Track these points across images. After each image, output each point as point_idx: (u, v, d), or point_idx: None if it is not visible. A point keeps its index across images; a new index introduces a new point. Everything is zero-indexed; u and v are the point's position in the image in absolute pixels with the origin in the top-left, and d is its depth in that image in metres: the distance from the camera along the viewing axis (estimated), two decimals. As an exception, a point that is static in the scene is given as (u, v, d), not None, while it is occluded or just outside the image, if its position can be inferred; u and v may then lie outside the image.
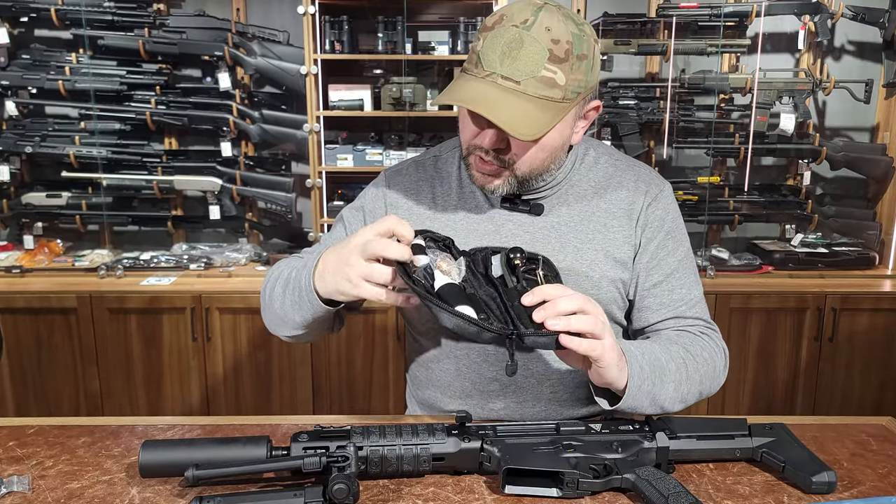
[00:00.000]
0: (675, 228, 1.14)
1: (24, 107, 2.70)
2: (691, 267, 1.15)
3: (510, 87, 0.93)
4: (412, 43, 2.59)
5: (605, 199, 1.12)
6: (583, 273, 1.09)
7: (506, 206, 1.11)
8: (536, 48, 0.92)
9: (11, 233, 2.84)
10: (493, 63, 0.94)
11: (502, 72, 0.93)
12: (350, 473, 0.79)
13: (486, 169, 1.03)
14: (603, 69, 2.66)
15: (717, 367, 1.09)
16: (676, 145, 2.73)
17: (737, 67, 2.74)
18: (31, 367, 2.51)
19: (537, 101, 0.93)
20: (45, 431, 1.00)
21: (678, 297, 1.11)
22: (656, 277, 1.11)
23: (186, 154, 2.77)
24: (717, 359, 1.09)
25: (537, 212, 1.11)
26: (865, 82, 2.65)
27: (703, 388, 1.07)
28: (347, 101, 2.59)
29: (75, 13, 2.56)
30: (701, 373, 1.05)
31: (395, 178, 1.19)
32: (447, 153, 1.20)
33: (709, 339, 1.10)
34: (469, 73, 0.97)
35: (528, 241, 1.09)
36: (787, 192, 2.79)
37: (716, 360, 1.08)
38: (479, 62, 0.95)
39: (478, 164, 1.03)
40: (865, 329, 2.51)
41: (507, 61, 0.93)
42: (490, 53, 0.94)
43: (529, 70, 0.92)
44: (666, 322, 1.11)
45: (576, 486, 0.83)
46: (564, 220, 1.11)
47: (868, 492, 0.86)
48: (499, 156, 1.01)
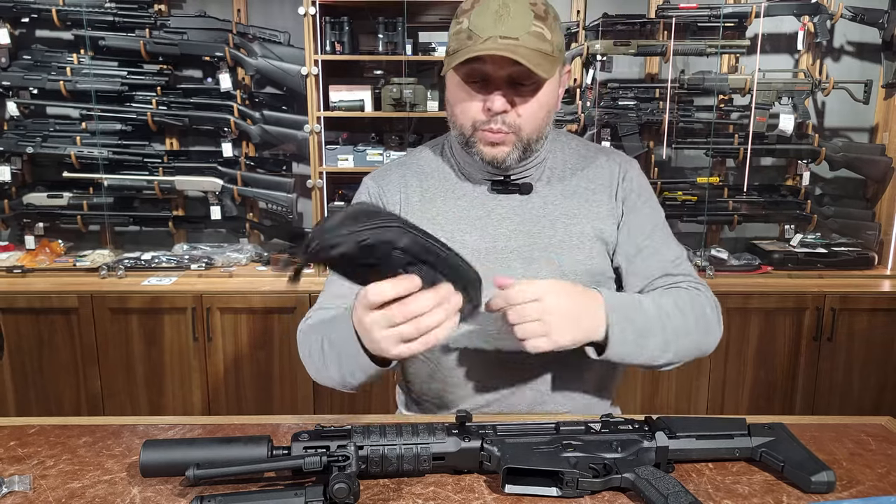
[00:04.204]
0: (650, 197, 1.21)
1: (25, 107, 2.71)
2: (668, 231, 1.21)
3: (511, 43, 0.99)
4: (412, 44, 2.60)
5: (584, 177, 1.18)
6: (574, 246, 1.13)
7: (497, 188, 1.15)
8: (522, 8, 1.01)
9: (13, 233, 2.85)
10: (487, 29, 1.00)
11: (499, 33, 1.00)
12: (351, 473, 0.80)
13: (496, 138, 1.07)
14: (603, 70, 2.67)
15: (708, 318, 1.11)
16: (676, 146, 2.74)
17: (736, 68, 2.74)
18: (33, 367, 2.51)
19: (536, 52, 1.00)
20: (47, 431, 1.00)
21: (663, 256, 1.16)
22: (640, 241, 1.16)
23: (187, 154, 2.77)
24: (710, 311, 1.12)
25: (526, 190, 1.16)
26: (864, 83, 2.65)
27: (699, 339, 1.09)
28: (348, 102, 2.59)
29: (76, 14, 2.57)
30: (691, 322, 1.08)
31: (382, 178, 1.22)
32: (428, 150, 1.25)
33: (698, 293, 1.12)
34: (463, 48, 1.02)
35: (519, 222, 1.14)
36: (787, 192, 2.79)
37: (706, 311, 1.11)
38: (473, 34, 1.01)
39: (486, 136, 1.07)
40: (864, 329, 2.52)
41: (501, 23, 1.00)
42: (481, 23, 1.01)
43: (523, 26, 1.00)
44: (656, 282, 1.14)
45: (575, 485, 0.83)
46: (550, 199, 1.16)
47: (867, 491, 0.86)
48: (506, 119, 1.05)
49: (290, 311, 2.45)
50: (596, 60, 2.65)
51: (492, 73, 1.03)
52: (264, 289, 2.47)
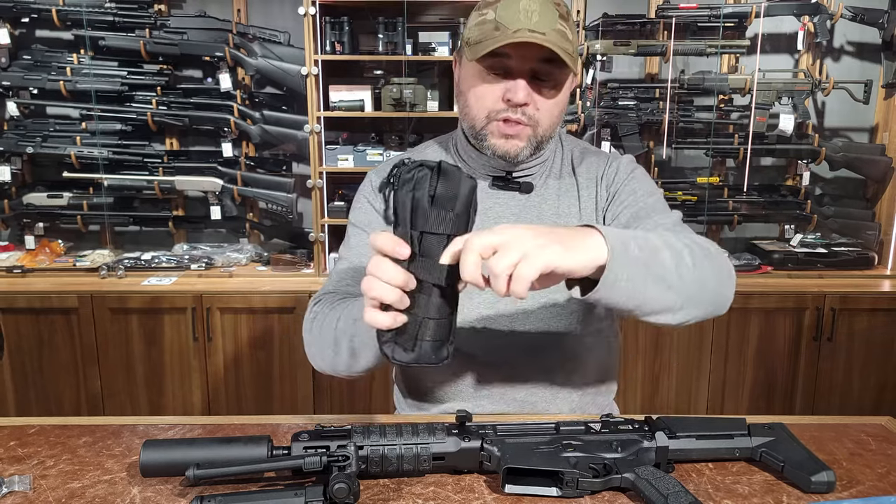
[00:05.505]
0: (638, 176, 1.17)
1: (25, 107, 2.71)
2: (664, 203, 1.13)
3: (539, 37, 0.99)
4: (412, 44, 2.60)
5: (577, 175, 1.19)
6: None
7: (497, 184, 1.15)
8: (549, 5, 1.01)
9: (13, 233, 2.85)
10: (517, 22, 1.00)
11: (529, 26, 0.99)
12: (350, 473, 0.80)
13: (512, 130, 1.06)
14: (603, 70, 2.67)
15: (720, 262, 0.96)
16: (676, 146, 2.74)
17: (736, 68, 2.74)
18: (33, 367, 2.51)
19: (560, 49, 1.00)
20: (47, 431, 1.00)
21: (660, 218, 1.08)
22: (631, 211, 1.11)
23: (187, 154, 2.77)
24: (720, 256, 0.98)
25: (527, 189, 1.16)
26: (864, 83, 2.65)
27: (715, 277, 0.94)
28: (348, 102, 2.59)
29: (76, 14, 2.57)
30: (700, 256, 0.92)
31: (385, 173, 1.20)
32: (436, 145, 1.25)
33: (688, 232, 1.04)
34: (489, 38, 1.01)
35: (515, 222, 1.15)
36: (787, 192, 2.79)
37: (717, 255, 0.97)
38: (501, 25, 1.00)
39: (502, 128, 1.07)
40: (864, 329, 2.52)
41: (530, 17, 1.00)
42: (510, 16, 1.00)
43: (550, 24, 1.00)
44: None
45: (575, 485, 0.83)
46: (544, 198, 1.17)
47: (867, 491, 0.86)
48: (526, 111, 1.05)
49: (290, 311, 2.45)
50: (596, 60, 2.66)
51: (515, 67, 1.03)
52: (264, 289, 2.47)
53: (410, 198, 0.78)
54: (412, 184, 0.78)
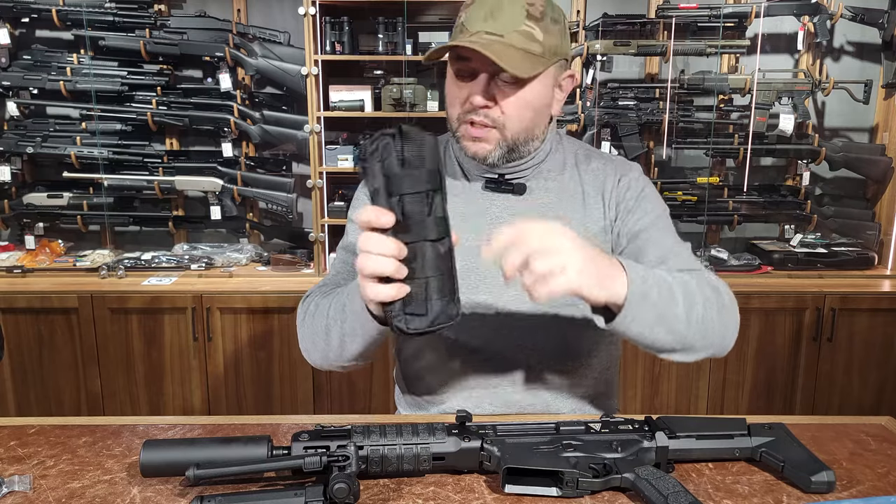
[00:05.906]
0: (649, 195, 1.16)
1: (25, 107, 2.71)
2: (670, 225, 1.15)
3: (493, 39, 1.00)
4: (412, 44, 2.60)
5: (579, 180, 1.17)
6: None
7: (490, 186, 1.15)
8: (515, 7, 1.01)
9: (13, 233, 2.85)
10: (476, 24, 1.01)
11: (486, 28, 1.01)
12: (350, 473, 0.80)
13: (478, 133, 1.07)
14: (603, 70, 2.67)
15: (722, 295, 1.03)
16: (676, 146, 2.74)
17: (736, 68, 2.74)
18: (33, 366, 2.51)
19: (520, 51, 1.00)
20: (47, 431, 1.00)
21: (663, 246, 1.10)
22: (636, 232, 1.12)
23: (187, 154, 2.78)
24: (721, 288, 1.04)
25: (520, 191, 1.15)
26: (864, 83, 2.65)
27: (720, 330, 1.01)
28: (348, 102, 2.59)
29: (76, 14, 2.57)
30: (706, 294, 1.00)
31: None
32: None
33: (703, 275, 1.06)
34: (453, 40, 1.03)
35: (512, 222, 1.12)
36: (787, 192, 2.79)
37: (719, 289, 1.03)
38: (464, 28, 1.03)
39: (469, 130, 1.07)
40: (864, 329, 2.52)
41: (490, 20, 1.01)
42: (473, 18, 1.02)
43: (511, 24, 1.00)
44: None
45: (575, 485, 0.83)
46: (544, 200, 1.16)
47: (867, 491, 0.86)
48: (488, 114, 1.05)
49: (290, 311, 2.45)
50: (596, 60, 2.65)
51: (476, 68, 1.03)
52: (264, 289, 2.47)
53: (380, 167, 0.79)
54: (379, 153, 0.79)
